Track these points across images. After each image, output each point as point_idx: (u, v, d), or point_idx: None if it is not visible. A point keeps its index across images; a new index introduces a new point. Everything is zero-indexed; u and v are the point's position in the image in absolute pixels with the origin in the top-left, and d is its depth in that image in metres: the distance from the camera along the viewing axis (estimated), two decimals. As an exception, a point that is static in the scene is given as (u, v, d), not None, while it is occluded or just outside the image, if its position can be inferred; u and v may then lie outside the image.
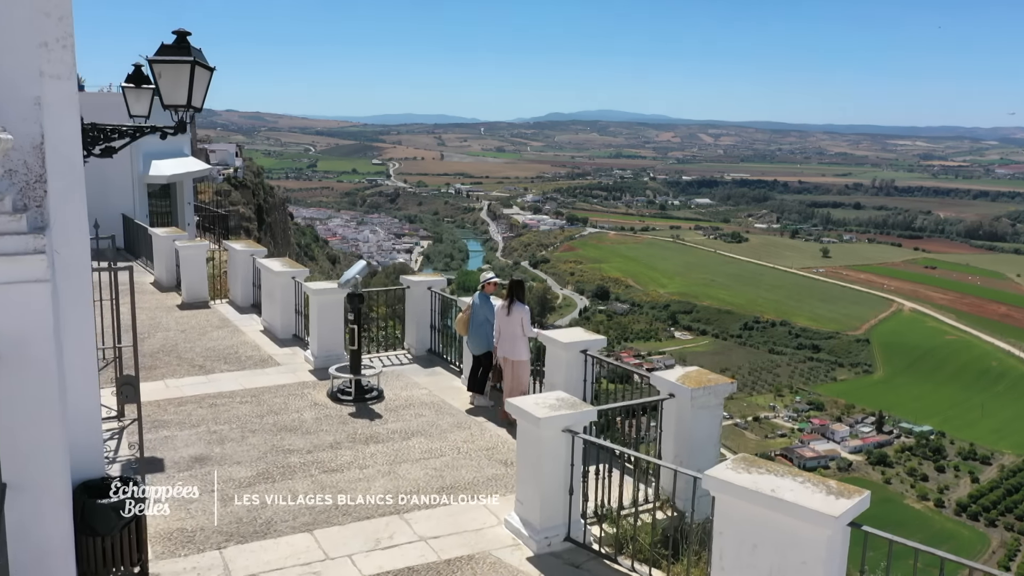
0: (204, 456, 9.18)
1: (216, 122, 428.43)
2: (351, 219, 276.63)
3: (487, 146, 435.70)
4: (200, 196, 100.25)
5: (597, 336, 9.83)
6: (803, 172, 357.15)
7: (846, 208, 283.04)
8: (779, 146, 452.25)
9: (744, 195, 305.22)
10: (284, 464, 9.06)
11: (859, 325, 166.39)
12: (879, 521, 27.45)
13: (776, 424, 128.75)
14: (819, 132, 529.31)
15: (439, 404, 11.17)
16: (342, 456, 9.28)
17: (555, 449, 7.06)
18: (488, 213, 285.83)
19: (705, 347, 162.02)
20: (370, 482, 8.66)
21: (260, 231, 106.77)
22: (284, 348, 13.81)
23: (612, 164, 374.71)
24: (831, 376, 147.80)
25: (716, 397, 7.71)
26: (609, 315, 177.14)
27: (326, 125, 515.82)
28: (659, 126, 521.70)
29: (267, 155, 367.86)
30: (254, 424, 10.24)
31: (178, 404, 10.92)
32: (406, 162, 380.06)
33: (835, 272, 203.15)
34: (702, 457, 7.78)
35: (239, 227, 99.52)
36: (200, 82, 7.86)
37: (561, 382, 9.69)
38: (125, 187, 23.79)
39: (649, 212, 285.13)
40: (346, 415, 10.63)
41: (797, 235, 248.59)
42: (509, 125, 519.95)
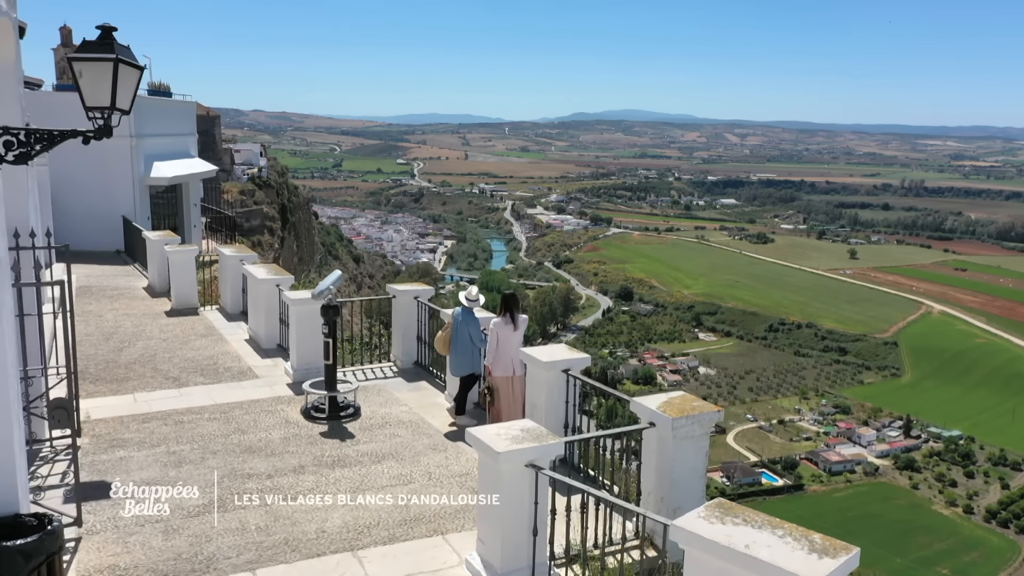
0: (157, 480, 8.58)
1: (243, 122, 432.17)
2: (375, 218, 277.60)
3: (511, 146, 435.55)
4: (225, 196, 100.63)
5: (580, 354, 9.09)
6: (831, 172, 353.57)
7: (874, 209, 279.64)
8: (806, 146, 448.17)
9: (770, 195, 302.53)
10: (240, 490, 8.45)
11: (887, 328, 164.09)
12: (906, 527, 26.20)
13: (801, 427, 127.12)
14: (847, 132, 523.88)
15: (417, 423, 10.51)
16: (304, 482, 8.66)
17: (517, 486, 6.38)
18: (512, 213, 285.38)
19: (730, 349, 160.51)
20: (329, 512, 8.02)
21: (284, 231, 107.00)
22: (266, 359, 13.24)
23: (637, 164, 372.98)
24: (858, 379, 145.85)
25: (701, 426, 6.98)
26: (633, 316, 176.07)
27: (351, 125, 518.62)
28: (685, 126, 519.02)
29: (293, 155, 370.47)
30: (217, 444, 9.65)
31: (142, 421, 10.35)
32: (430, 162, 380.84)
33: (863, 274, 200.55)
34: (685, 492, 7.05)
35: (263, 226, 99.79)
36: (126, 82, 7.22)
37: (542, 404, 8.99)
38: (126, 189, 23.42)
39: (674, 212, 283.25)
40: (316, 435, 10.00)
41: (824, 236, 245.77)
42: (534, 125, 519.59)
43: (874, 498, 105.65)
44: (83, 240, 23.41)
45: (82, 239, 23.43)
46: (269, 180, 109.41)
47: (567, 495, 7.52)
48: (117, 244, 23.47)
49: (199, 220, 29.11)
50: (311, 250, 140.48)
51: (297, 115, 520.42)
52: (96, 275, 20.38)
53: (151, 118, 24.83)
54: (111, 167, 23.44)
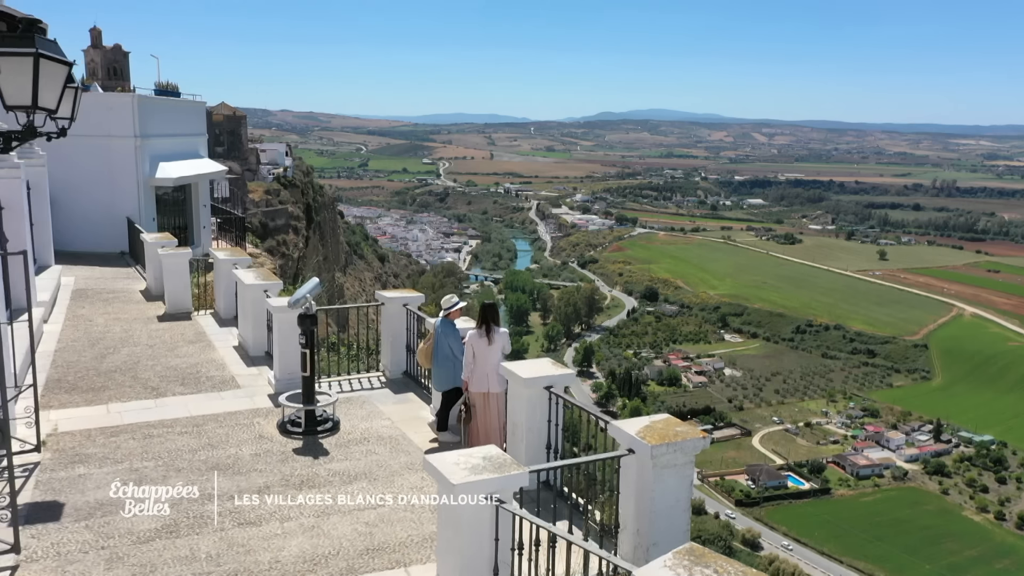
0: (111, 501, 8.07)
1: (271, 122, 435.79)
2: (400, 218, 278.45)
3: (537, 145, 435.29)
4: (252, 195, 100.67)
5: (565, 370, 8.41)
6: (860, 172, 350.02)
7: (905, 209, 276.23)
8: (835, 145, 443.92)
9: (798, 195, 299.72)
10: (198, 513, 7.91)
11: (917, 330, 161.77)
12: (936, 533, 25.12)
13: (828, 430, 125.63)
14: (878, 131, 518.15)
15: (397, 439, 9.91)
16: (267, 504, 8.10)
17: (475, 521, 5.76)
18: (537, 213, 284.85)
19: (756, 350, 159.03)
20: (287, 540, 7.44)
21: (309, 230, 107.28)
22: (251, 368, 12.73)
23: (663, 164, 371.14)
24: (887, 382, 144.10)
25: (684, 454, 6.32)
26: (658, 316, 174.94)
27: (378, 124, 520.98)
28: (711, 125, 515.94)
29: (320, 154, 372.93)
30: (184, 461, 9.13)
31: (111, 434, 9.86)
32: (456, 161, 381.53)
33: (892, 275, 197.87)
34: (666, 527, 6.40)
35: (288, 226, 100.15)
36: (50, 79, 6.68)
37: (523, 424, 8.35)
38: (130, 190, 23.11)
39: (700, 212, 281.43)
40: (289, 451, 9.45)
41: (853, 237, 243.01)
42: (559, 124, 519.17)
43: (903, 503, 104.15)
44: (87, 242, 23.18)
45: (86, 241, 23.20)
46: (294, 180, 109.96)
47: (553, 519, 6.93)
48: (122, 246, 23.16)
49: (209, 221, 28.74)
50: (336, 249, 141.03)
51: (324, 115, 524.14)
52: (96, 278, 20.03)
53: (157, 118, 24.52)
54: (115, 168, 23.16)
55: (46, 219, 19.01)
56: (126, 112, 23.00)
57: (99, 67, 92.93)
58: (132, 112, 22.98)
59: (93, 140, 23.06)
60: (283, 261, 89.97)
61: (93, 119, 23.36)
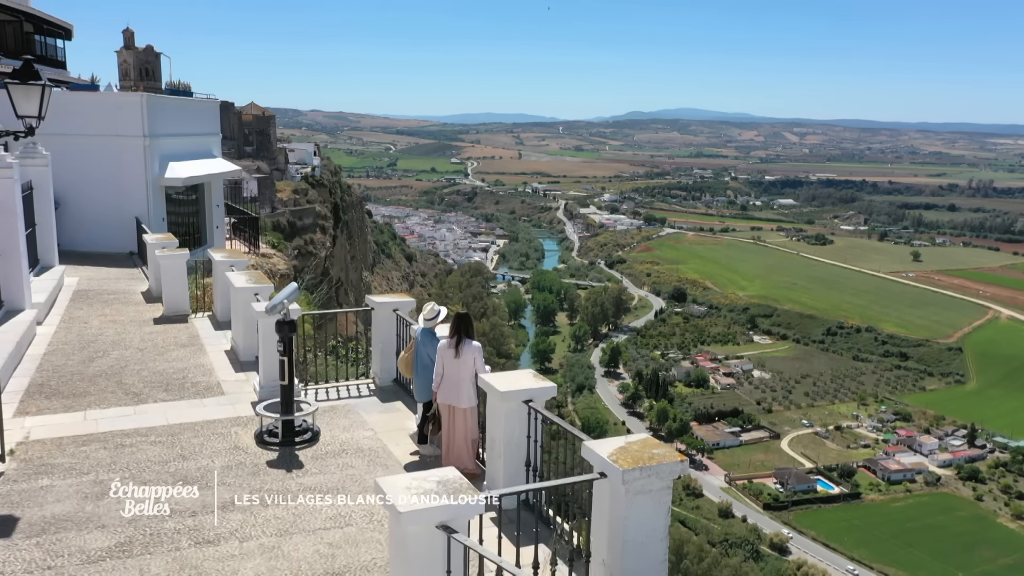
0: (68, 516, 7.67)
1: (301, 122, 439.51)
2: (428, 217, 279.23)
3: (565, 145, 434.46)
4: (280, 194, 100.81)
5: (545, 383, 7.86)
6: (894, 172, 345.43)
7: (939, 210, 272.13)
8: (868, 145, 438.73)
9: (830, 196, 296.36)
10: (155, 531, 7.48)
11: (951, 333, 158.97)
12: (970, 540, 24.30)
13: (859, 434, 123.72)
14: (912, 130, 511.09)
15: (377, 452, 9.43)
16: (229, 521, 7.66)
17: (424, 552, 5.25)
18: (564, 212, 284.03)
19: (785, 352, 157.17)
20: (243, 562, 6.99)
21: (336, 229, 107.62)
22: (239, 373, 12.33)
23: (692, 163, 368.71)
24: (919, 385, 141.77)
25: (660, 479, 5.77)
26: (686, 317, 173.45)
27: (407, 124, 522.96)
28: (742, 124, 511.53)
29: (349, 154, 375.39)
30: (151, 473, 8.72)
31: (82, 443, 9.49)
32: (484, 161, 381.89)
33: (926, 277, 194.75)
34: (640, 558, 5.84)
35: (315, 225, 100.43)
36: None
37: (500, 439, 7.83)
38: (139, 190, 22.89)
39: (730, 212, 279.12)
40: (262, 464, 9.00)
41: (886, 237, 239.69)
42: (588, 124, 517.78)
43: (935, 509, 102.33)
44: (96, 242, 23.00)
45: (95, 241, 23.02)
46: (322, 179, 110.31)
47: (516, 546, 6.46)
48: (131, 246, 22.94)
49: (222, 221, 28.49)
50: (364, 248, 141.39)
51: (354, 115, 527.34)
52: (100, 278, 19.79)
53: (167, 117, 24.27)
54: (124, 167, 22.93)
55: (49, 219, 18.77)
56: (135, 111, 22.77)
57: (131, 68, 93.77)
58: (141, 111, 22.75)
59: (102, 140, 22.94)
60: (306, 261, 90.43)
61: (102, 119, 23.27)
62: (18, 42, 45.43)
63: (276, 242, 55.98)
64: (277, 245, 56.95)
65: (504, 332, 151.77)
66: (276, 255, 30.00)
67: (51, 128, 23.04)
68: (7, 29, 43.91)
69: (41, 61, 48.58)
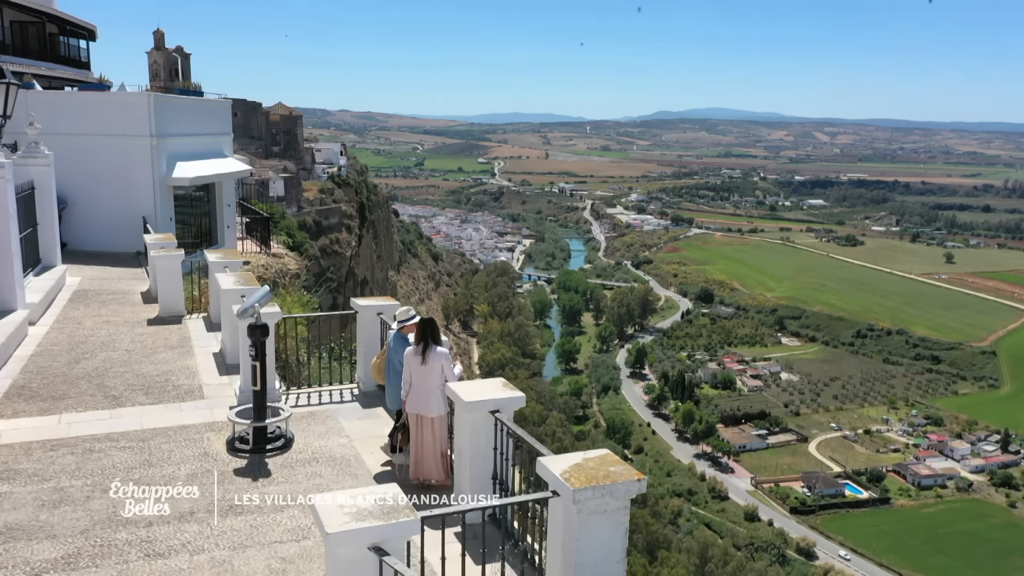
0: (18, 526, 7.38)
1: (330, 122, 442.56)
2: (455, 217, 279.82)
3: (593, 145, 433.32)
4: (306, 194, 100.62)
5: (514, 392, 7.43)
6: (927, 172, 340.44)
7: (974, 211, 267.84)
8: (901, 145, 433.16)
9: (861, 196, 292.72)
10: (107, 542, 7.18)
11: (984, 336, 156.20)
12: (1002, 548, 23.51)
13: (889, 438, 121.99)
14: (946, 130, 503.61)
15: (349, 460, 9.07)
16: (183, 532, 7.33)
17: (356, 574, 4.90)
18: (591, 212, 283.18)
19: (814, 354, 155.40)
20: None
21: (362, 228, 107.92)
22: (223, 376, 12.05)
23: (721, 163, 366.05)
24: (951, 389, 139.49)
25: (616, 499, 5.34)
26: (713, 318, 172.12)
27: (434, 124, 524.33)
28: (771, 124, 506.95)
29: (377, 153, 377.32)
30: (114, 480, 8.46)
31: (51, 448, 9.24)
32: (511, 161, 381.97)
33: (959, 279, 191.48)
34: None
35: (341, 224, 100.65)
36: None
37: (467, 451, 7.44)
38: (146, 189, 22.76)
39: (758, 213, 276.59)
40: (229, 472, 8.69)
41: (918, 239, 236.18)
42: (616, 124, 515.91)
43: (967, 515, 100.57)
44: (103, 241, 22.92)
45: (102, 240, 22.94)
46: (348, 179, 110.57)
47: (482, 563, 6.09)
48: (137, 246, 22.79)
49: (233, 221, 28.34)
50: (390, 248, 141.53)
51: (382, 115, 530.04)
52: (103, 278, 19.67)
53: (175, 117, 24.16)
54: (131, 167, 22.82)
55: (51, 219, 18.67)
56: (142, 111, 22.66)
57: (161, 68, 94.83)
58: (148, 111, 22.62)
59: (109, 140, 22.85)
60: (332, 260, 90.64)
61: (109, 119, 23.18)
62: (42, 43, 45.90)
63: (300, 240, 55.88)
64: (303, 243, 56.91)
65: (529, 332, 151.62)
66: (288, 255, 29.76)
67: (60, 128, 23.18)
68: (30, 30, 44.35)
69: (64, 62, 49.13)
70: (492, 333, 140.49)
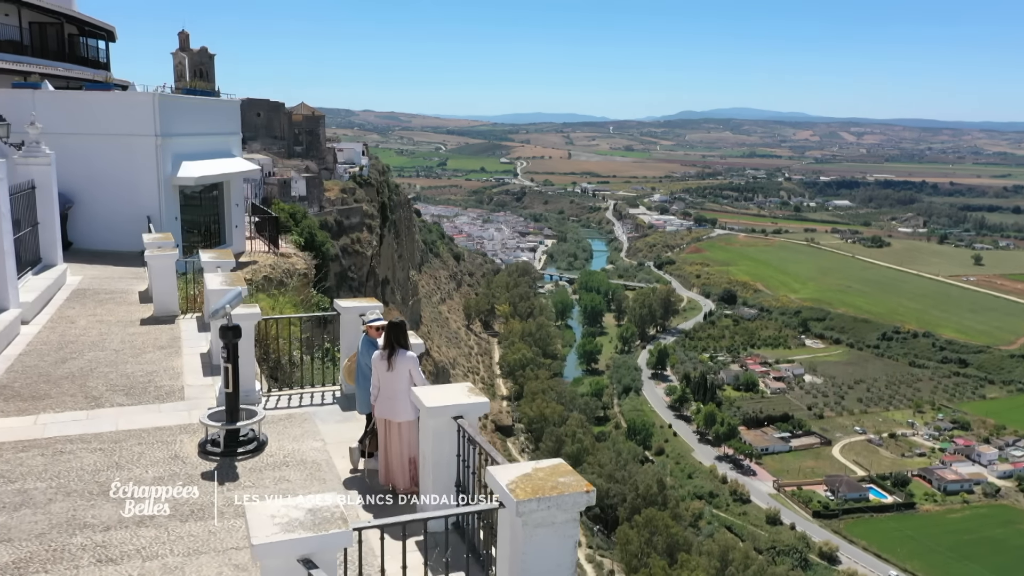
0: (-19, 528, 7.24)
1: (353, 122, 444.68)
2: (477, 217, 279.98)
3: (616, 145, 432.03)
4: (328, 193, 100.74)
5: (478, 398, 7.12)
6: (955, 173, 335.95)
7: (1003, 212, 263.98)
8: (929, 145, 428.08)
9: (888, 197, 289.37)
10: (61, 546, 6.99)
11: (1013, 339, 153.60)
12: None
13: (914, 442, 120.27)
14: (975, 130, 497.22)
15: (320, 465, 8.83)
16: (139, 538, 7.13)
17: (284, 589, 4.64)
18: (614, 213, 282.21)
19: (838, 356, 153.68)
20: (139, 583, 6.47)
21: (384, 228, 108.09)
22: (207, 378, 11.87)
23: (745, 164, 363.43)
24: (979, 393, 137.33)
25: (563, 511, 5.03)
26: (736, 320, 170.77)
27: (457, 124, 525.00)
28: (797, 124, 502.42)
29: (400, 153, 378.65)
30: (79, 483, 8.25)
31: (23, 448, 9.09)
32: (534, 161, 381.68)
33: (988, 281, 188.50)
34: (545, 600, 5.13)
35: (362, 224, 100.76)
36: None
37: (430, 457, 7.17)
38: (151, 189, 22.74)
39: (783, 214, 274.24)
40: (196, 476, 8.47)
41: (946, 240, 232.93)
42: (639, 124, 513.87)
43: (994, 521, 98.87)
44: (108, 240, 22.91)
45: (107, 239, 22.94)
46: (370, 178, 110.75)
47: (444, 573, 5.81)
48: (142, 245, 22.83)
49: (242, 220, 28.27)
50: (412, 247, 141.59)
51: (405, 115, 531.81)
52: (104, 277, 19.65)
53: (181, 117, 24.12)
54: (136, 166, 22.80)
55: (52, 218, 18.65)
56: (147, 111, 22.64)
57: (186, 69, 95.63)
58: (153, 111, 22.60)
59: (115, 139, 22.85)
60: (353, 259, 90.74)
61: (115, 118, 23.17)
62: (60, 44, 46.20)
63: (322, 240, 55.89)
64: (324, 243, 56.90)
65: (551, 332, 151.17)
66: (297, 255, 29.67)
67: (66, 127, 23.21)
68: (49, 31, 44.63)
69: (83, 62, 49.43)
70: (513, 333, 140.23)
